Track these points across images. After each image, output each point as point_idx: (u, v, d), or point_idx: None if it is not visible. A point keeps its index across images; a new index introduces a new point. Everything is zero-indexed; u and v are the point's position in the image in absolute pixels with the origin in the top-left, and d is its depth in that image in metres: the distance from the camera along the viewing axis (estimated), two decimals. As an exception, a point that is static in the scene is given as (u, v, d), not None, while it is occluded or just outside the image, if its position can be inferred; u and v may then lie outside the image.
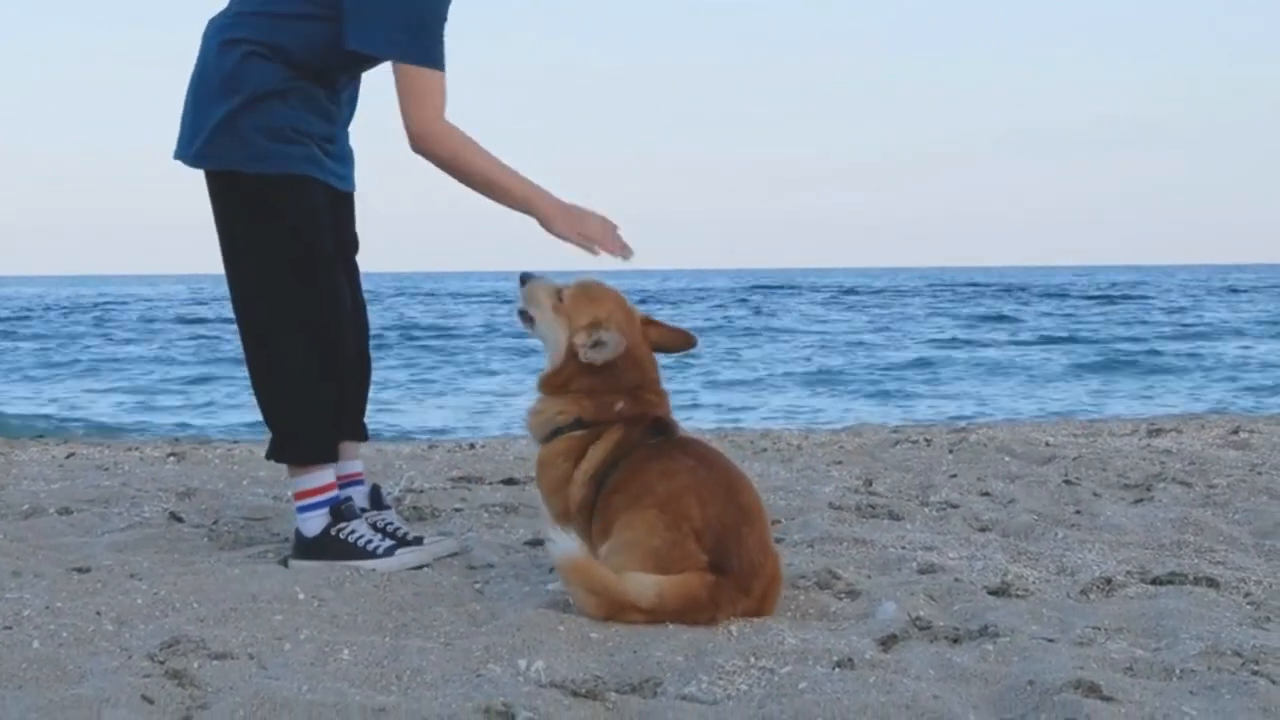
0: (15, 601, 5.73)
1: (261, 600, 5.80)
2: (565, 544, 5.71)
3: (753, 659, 5.11)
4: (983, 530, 7.80)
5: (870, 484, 9.30)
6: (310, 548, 6.58)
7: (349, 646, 5.20)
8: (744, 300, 76.23)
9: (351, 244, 6.89)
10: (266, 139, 6.34)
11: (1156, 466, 10.18)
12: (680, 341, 6.32)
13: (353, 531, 6.58)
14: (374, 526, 6.76)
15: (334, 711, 4.44)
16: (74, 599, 5.80)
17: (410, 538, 6.75)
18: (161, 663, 4.94)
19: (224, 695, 4.60)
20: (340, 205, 6.77)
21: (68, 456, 11.36)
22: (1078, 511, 8.31)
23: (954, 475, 9.75)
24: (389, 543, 6.63)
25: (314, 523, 6.58)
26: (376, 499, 6.88)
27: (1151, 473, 9.86)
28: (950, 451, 11.09)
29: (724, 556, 5.67)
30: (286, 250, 6.44)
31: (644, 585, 5.59)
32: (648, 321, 6.27)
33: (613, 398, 6.12)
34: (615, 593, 5.60)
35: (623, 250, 6.37)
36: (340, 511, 6.60)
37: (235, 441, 14.42)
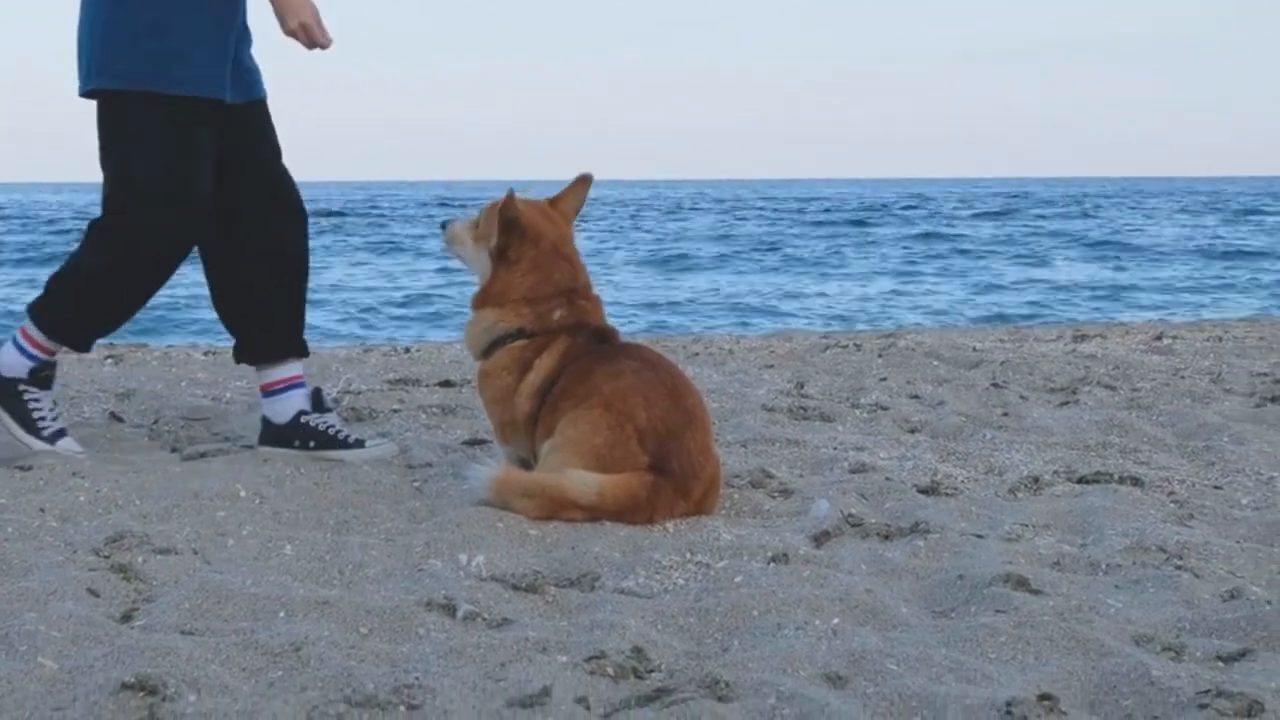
0: (-43, 499, 5.77)
1: (204, 497, 5.85)
2: (478, 472, 5.87)
3: (689, 554, 5.21)
4: (912, 432, 7.92)
5: (802, 387, 9.40)
6: (281, 434, 6.74)
7: (291, 542, 5.27)
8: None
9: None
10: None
11: (1081, 371, 10.31)
12: (581, 185, 6.45)
13: (324, 421, 6.74)
14: None
15: (278, 604, 4.50)
16: (17, 496, 5.84)
17: (352, 440, 6.81)
18: (106, 557, 5.00)
19: (169, 588, 4.67)
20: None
21: (2, 359, 11.33)
22: (1005, 414, 8.44)
23: (883, 379, 9.86)
24: (355, 436, 6.79)
25: (284, 409, 6.74)
26: (318, 402, 6.92)
27: (1077, 377, 9.99)
28: (879, 356, 11.18)
29: (665, 458, 5.75)
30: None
31: (585, 483, 5.67)
32: (553, 203, 6.38)
33: (550, 304, 6.21)
34: (554, 491, 5.67)
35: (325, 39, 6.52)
36: (315, 400, 6.79)
37: (170, 346, 14.40)
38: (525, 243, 6.20)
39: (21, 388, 6.57)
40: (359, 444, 6.79)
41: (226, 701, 3.71)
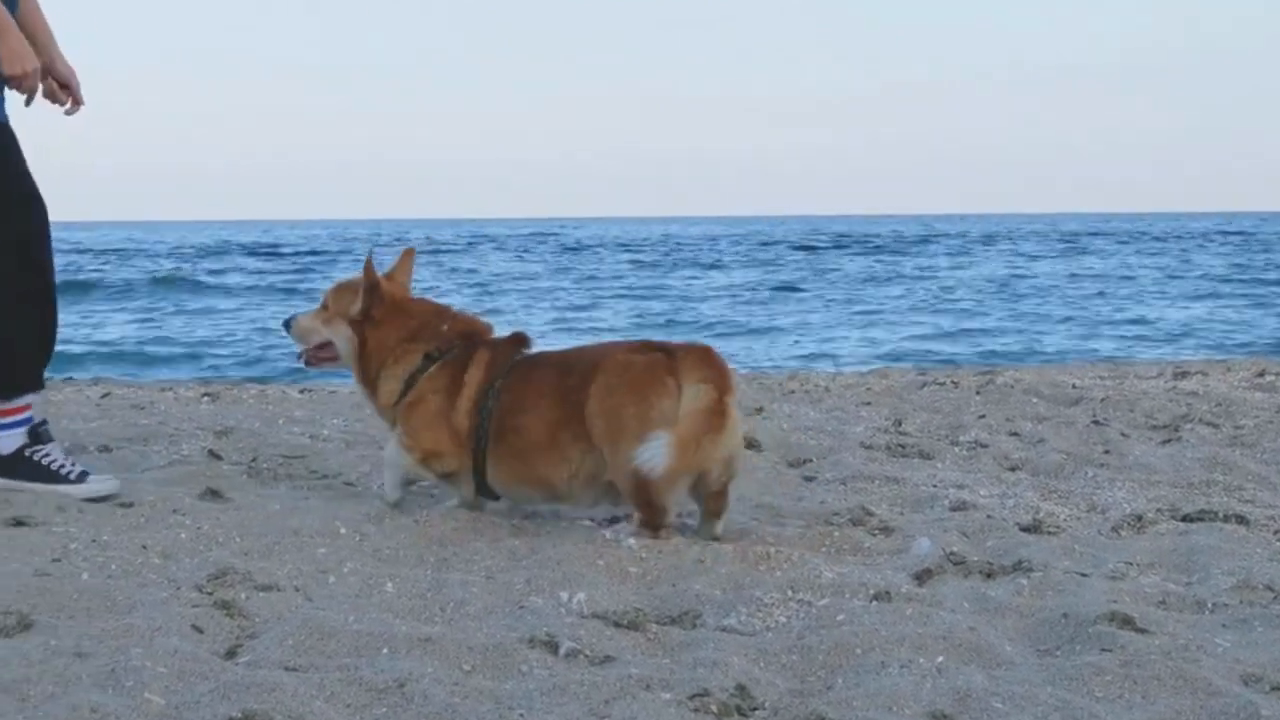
0: (62, 535, 5.80)
1: (304, 535, 5.87)
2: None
3: (790, 592, 5.19)
4: (1013, 469, 7.87)
5: (900, 424, 9.36)
6: (3, 465, 6.61)
7: (392, 579, 5.28)
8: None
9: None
10: None
11: (1183, 408, 10.22)
12: (408, 257, 6.85)
13: (47, 454, 6.62)
14: None
15: (381, 641, 4.51)
16: (119, 533, 5.87)
17: (74, 476, 6.68)
18: (209, 594, 5.02)
19: (272, 625, 4.68)
20: None
21: (103, 396, 11.44)
22: (1106, 451, 8.37)
23: (982, 416, 9.81)
24: (80, 469, 6.66)
25: (8, 441, 6.60)
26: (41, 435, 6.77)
27: (1179, 414, 9.90)
28: (977, 393, 11.13)
29: None
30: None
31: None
32: (389, 277, 6.70)
33: (429, 326, 6.55)
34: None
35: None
36: (38, 434, 6.64)
37: (265, 382, 14.50)
38: (383, 303, 6.55)
39: (28, 452, 6.58)
40: (81, 478, 6.67)
41: (331, 738, 3.72)
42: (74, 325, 28.86)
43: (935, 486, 7.21)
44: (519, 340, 6.51)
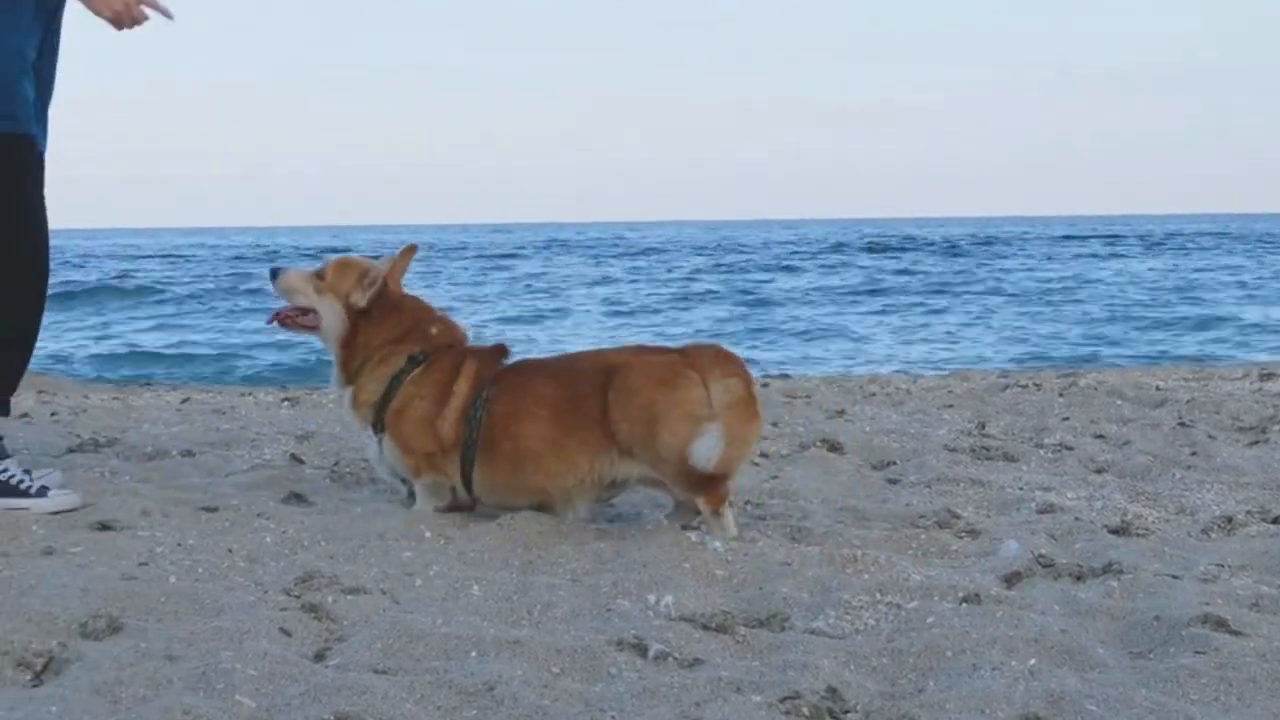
0: (148, 539, 5.81)
1: (389, 538, 5.87)
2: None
3: (878, 595, 5.15)
4: (1099, 471, 7.81)
5: (983, 427, 9.31)
6: None
7: (478, 582, 5.26)
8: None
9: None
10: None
11: (1270, 410, 10.14)
12: (407, 255, 6.75)
13: (5, 470, 6.45)
14: None
15: (469, 644, 4.50)
16: (204, 537, 5.88)
17: (33, 491, 6.53)
18: (297, 597, 5.02)
19: (360, 628, 4.68)
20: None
21: (183, 401, 11.51)
22: (1193, 453, 8.29)
23: (1066, 418, 9.74)
24: (40, 484, 6.51)
25: None
26: None
27: (1265, 415, 9.82)
28: (1060, 395, 11.07)
29: None
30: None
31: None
32: (389, 273, 6.63)
33: (419, 329, 6.55)
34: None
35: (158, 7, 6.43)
36: None
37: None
38: (382, 300, 6.54)
39: None
40: (41, 493, 6.53)
41: (423, 740, 3.71)
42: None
43: (1021, 489, 7.15)
44: (501, 351, 6.59)
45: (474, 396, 6.34)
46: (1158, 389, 11.50)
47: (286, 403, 11.25)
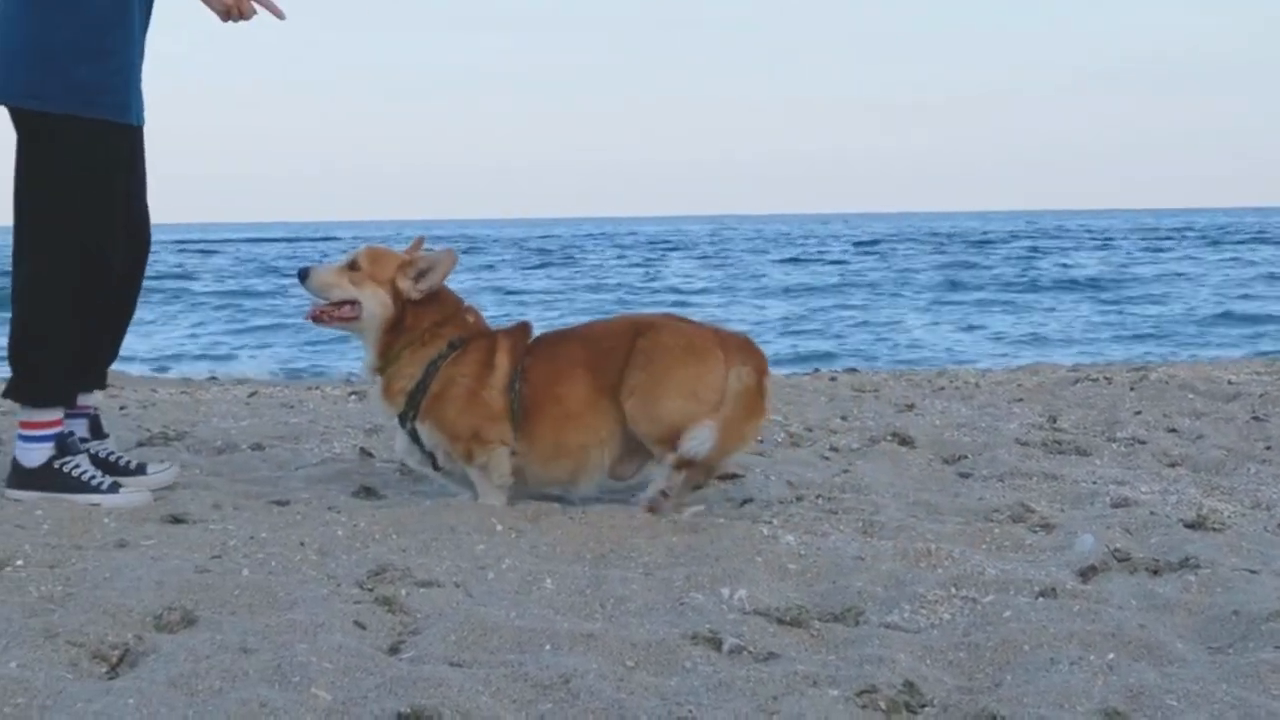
0: (220, 532, 5.83)
1: (460, 531, 5.87)
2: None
3: (954, 589, 5.11)
4: (1173, 465, 7.76)
5: (1054, 420, 9.27)
6: (31, 478, 6.46)
7: (551, 575, 5.25)
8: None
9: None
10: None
11: (1345, 404, 10.04)
12: (417, 245, 6.76)
13: (76, 466, 6.47)
14: (94, 457, 6.71)
15: (543, 637, 4.48)
16: (276, 530, 5.89)
17: (133, 466, 6.73)
18: (370, 590, 5.01)
19: (434, 621, 4.66)
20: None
21: (251, 395, 11.55)
22: (1268, 447, 8.24)
23: (1138, 412, 9.68)
24: (111, 480, 6.51)
25: (36, 454, 6.45)
26: (96, 428, 6.81)
27: (1341, 410, 9.72)
28: (1132, 389, 11.00)
29: None
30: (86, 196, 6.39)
31: None
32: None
33: (457, 317, 6.61)
34: None
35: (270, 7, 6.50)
36: (65, 445, 6.48)
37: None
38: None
39: (57, 464, 6.44)
40: (140, 469, 6.69)
41: (500, 733, 3.70)
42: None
43: (1095, 483, 7.11)
44: (527, 327, 6.70)
45: (514, 369, 6.44)
46: (1230, 383, 11.42)
47: (354, 396, 11.27)
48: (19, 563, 5.26)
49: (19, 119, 6.34)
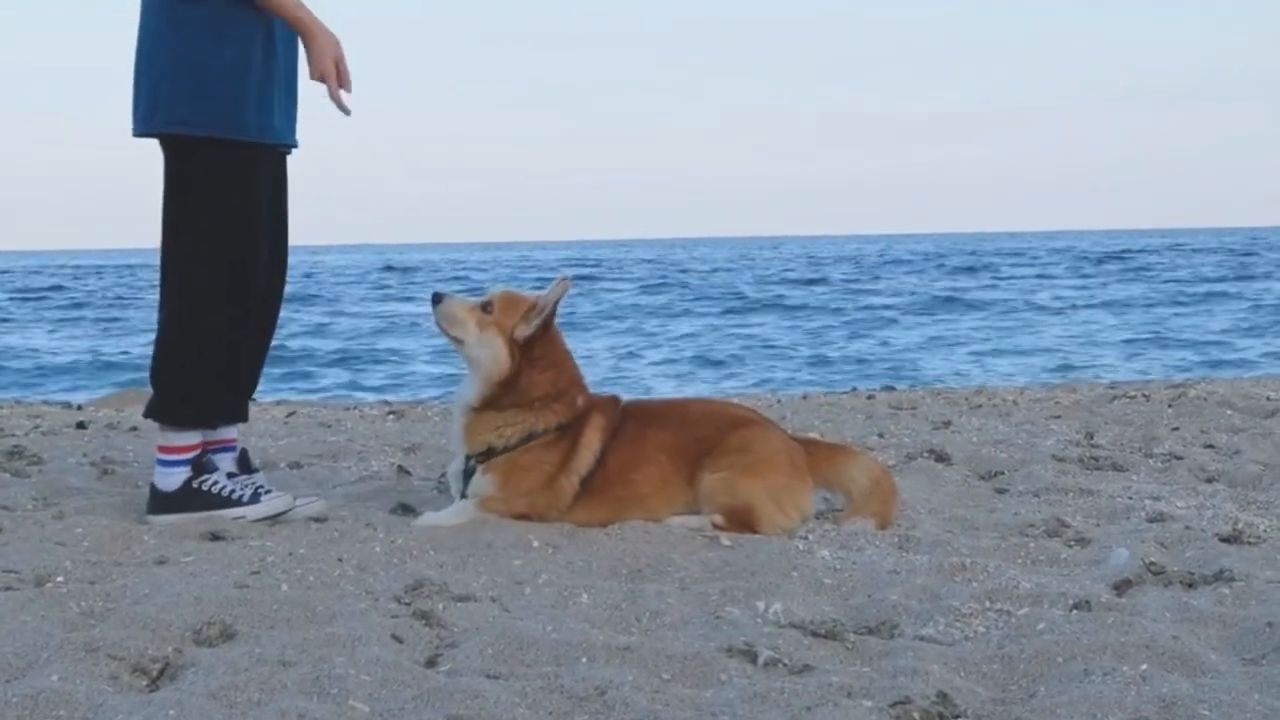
0: (259, 549, 5.86)
1: (497, 547, 5.90)
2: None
3: (988, 602, 5.13)
4: (1209, 481, 7.75)
5: (1091, 437, 9.27)
6: (171, 501, 6.48)
7: (587, 590, 5.28)
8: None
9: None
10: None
11: (1385, 421, 10.02)
12: (562, 287, 6.41)
13: (215, 483, 6.52)
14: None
15: (579, 650, 4.51)
16: (314, 547, 5.92)
17: (246, 499, 6.62)
18: (407, 605, 5.05)
19: (471, 635, 4.69)
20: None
21: (289, 415, 11.61)
22: (1306, 463, 8.22)
23: (1175, 428, 9.68)
24: (252, 489, 6.57)
25: (174, 478, 6.48)
26: (245, 463, 6.77)
27: (1380, 426, 9.70)
28: (1169, 406, 11.00)
29: None
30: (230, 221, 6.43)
31: None
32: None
33: (571, 395, 6.45)
34: None
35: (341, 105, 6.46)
36: (201, 464, 6.52)
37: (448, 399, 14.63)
38: (551, 345, 6.44)
39: (195, 484, 6.49)
40: (255, 498, 6.60)
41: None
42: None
43: (1130, 498, 7.11)
44: (616, 402, 6.60)
45: (600, 453, 6.38)
46: (1268, 399, 11.40)
47: (391, 415, 11.32)
48: (59, 579, 5.30)
49: (165, 144, 6.42)
